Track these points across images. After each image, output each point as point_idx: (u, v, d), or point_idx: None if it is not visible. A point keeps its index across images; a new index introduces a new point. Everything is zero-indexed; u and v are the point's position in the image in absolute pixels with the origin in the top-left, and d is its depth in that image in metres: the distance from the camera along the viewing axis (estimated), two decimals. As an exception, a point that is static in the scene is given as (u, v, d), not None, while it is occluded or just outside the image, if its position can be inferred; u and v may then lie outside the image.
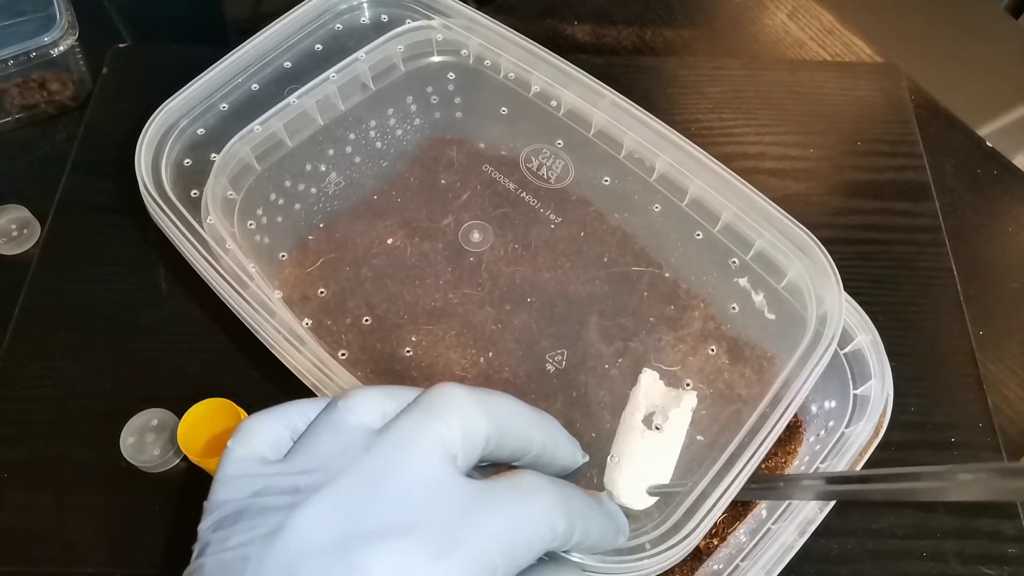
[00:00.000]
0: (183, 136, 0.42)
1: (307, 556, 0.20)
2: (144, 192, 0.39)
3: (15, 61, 0.49)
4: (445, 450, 0.22)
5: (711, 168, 0.40)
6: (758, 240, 0.39)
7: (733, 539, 0.37)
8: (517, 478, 0.23)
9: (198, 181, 0.40)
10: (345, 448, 0.22)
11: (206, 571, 0.21)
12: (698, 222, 0.40)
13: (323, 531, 0.20)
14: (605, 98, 0.42)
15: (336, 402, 0.24)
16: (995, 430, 0.43)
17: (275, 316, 0.35)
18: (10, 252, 0.48)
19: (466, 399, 0.23)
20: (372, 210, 0.42)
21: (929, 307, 0.47)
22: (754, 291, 0.41)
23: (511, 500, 0.22)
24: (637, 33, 0.60)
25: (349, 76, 0.44)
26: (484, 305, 0.39)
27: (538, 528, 0.22)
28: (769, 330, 0.41)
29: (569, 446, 0.27)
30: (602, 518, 0.25)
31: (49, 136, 0.53)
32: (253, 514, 0.21)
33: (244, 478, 0.22)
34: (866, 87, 0.56)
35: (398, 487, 0.21)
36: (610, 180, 0.42)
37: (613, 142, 0.42)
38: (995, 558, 0.39)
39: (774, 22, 0.62)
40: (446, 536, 0.20)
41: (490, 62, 0.45)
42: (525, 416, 0.25)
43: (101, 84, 0.54)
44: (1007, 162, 0.54)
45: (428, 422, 0.22)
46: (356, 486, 0.21)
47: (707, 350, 0.42)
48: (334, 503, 0.21)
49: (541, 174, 0.42)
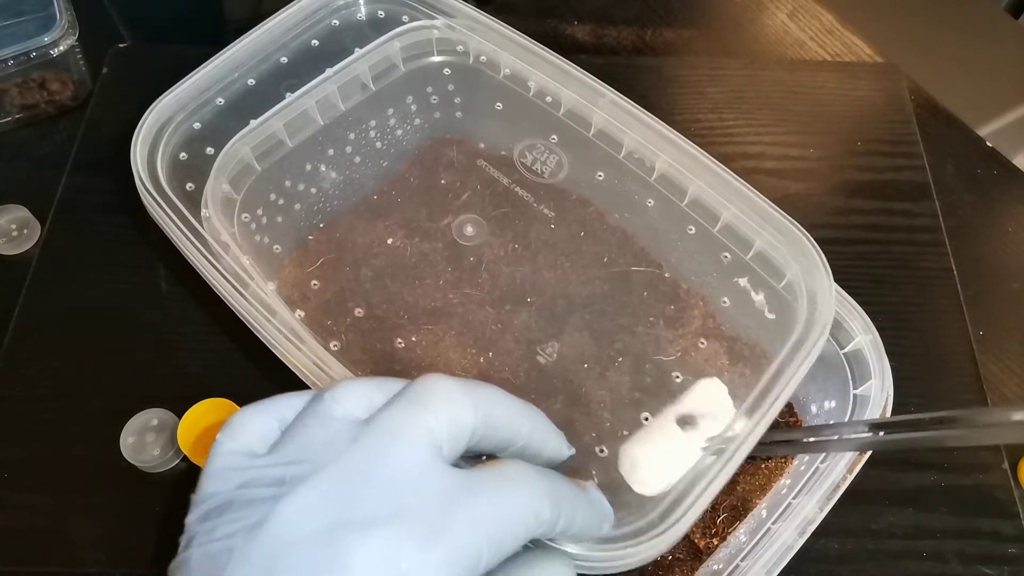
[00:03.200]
0: (179, 131, 0.42)
1: (292, 546, 0.20)
2: (140, 185, 0.39)
3: (15, 61, 0.49)
4: (431, 440, 0.22)
5: (711, 168, 0.40)
6: (757, 240, 0.39)
7: (733, 539, 0.37)
8: (502, 467, 0.23)
9: (193, 176, 0.40)
10: (332, 439, 0.22)
11: (192, 563, 0.21)
12: (698, 222, 0.40)
13: (308, 521, 0.20)
14: (605, 98, 0.42)
15: (323, 394, 0.24)
16: (995, 430, 0.43)
17: (275, 315, 0.35)
18: (10, 252, 0.48)
19: (453, 390, 0.23)
20: (372, 210, 0.42)
21: (929, 307, 0.47)
22: (754, 291, 0.41)
23: (496, 488, 0.22)
24: (637, 33, 0.60)
25: (349, 76, 0.44)
26: (484, 305, 0.39)
27: (523, 515, 0.22)
28: (769, 329, 0.41)
29: (555, 438, 0.27)
30: (587, 506, 0.25)
31: (49, 136, 0.53)
32: (239, 506, 0.21)
33: (231, 471, 0.22)
34: (866, 87, 0.56)
35: (384, 477, 0.21)
36: (610, 180, 0.42)
37: (613, 142, 0.42)
38: (995, 558, 0.39)
39: (774, 22, 0.62)
40: (432, 524, 0.20)
41: (490, 62, 0.45)
42: (512, 408, 0.25)
43: (101, 84, 0.54)
44: (1007, 162, 0.54)
45: (415, 413, 0.22)
46: (342, 476, 0.21)
47: (707, 349, 0.42)
48: (319, 493, 0.21)
49: (536, 169, 0.42)
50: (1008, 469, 0.42)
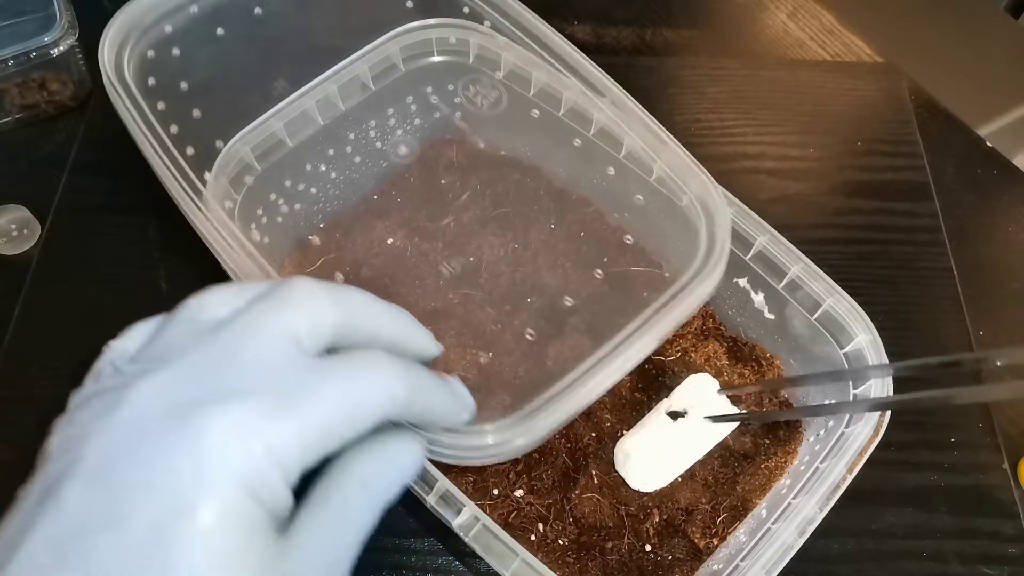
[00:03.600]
0: (150, 33, 0.40)
1: (145, 422, 0.20)
2: (107, 81, 0.38)
3: (15, 61, 0.49)
4: (290, 334, 0.23)
5: (710, 168, 0.39)
6: (759, 239, 0.39)
7: (733, 539, 0.37)
8: (359, 353, 0.24)
9: (159, 73, 0.39)
10: (194, 337, 0.23)
11: (48, 451, 0.22)
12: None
13: (161, 400, 0.21)
14: (606, 97, 0.42)
15: (189, 300, 0.25)
16: (995, 430, 0.43)
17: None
18: (10, 252, 0.48)
19: (315, 290, 0.24)
20: (372, 210, 0.42)
21: (929, 307, 0.47)
22: (754, 291, 0.41)
23: (351, 368, 0.23)
24: (637, 33, 0.60)
25: (349, 76, 0.44)
26: (484, 305, 0.39)
27: (376, 394, 0.23)
28: (769, 329, 0.41)
29: (422, 336, 0.28)
30: (446, 394, 0.26)
31: (49, 136, 0.53)
32: (98, 396, 0.22)
33: (105, 371, 0.23)
34: (866, 87, 0.56)
35: (240, 363, 0.22)
36: (610, 180, 0.42)
37: (613, 141, 0.42)
38: (995, 558, 0.39)
39: (774, 22, 0.62)
40: (286, 398, 0.21)
41: (490, 61, 0.45)
42: (375, 306, 0.26)
43: (101, 84, 0.53)
44: (1007, 162, 0.54)
45: (275, 309, 0.23)
46: (198, 362, 0.22)
47: (707, 349, 0.42)
48: (173, 376, 0.21)
49: (477, 102, 0.41)
50: (1008, 469, 0.42)
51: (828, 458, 0.34)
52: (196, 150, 0.38)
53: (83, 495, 0.19)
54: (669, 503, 0.38)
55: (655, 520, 0.37)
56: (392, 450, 0.24)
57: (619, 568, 0.36)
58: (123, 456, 0.20)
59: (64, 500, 0.19)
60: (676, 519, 0.37)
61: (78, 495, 0.19)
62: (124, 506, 0.19)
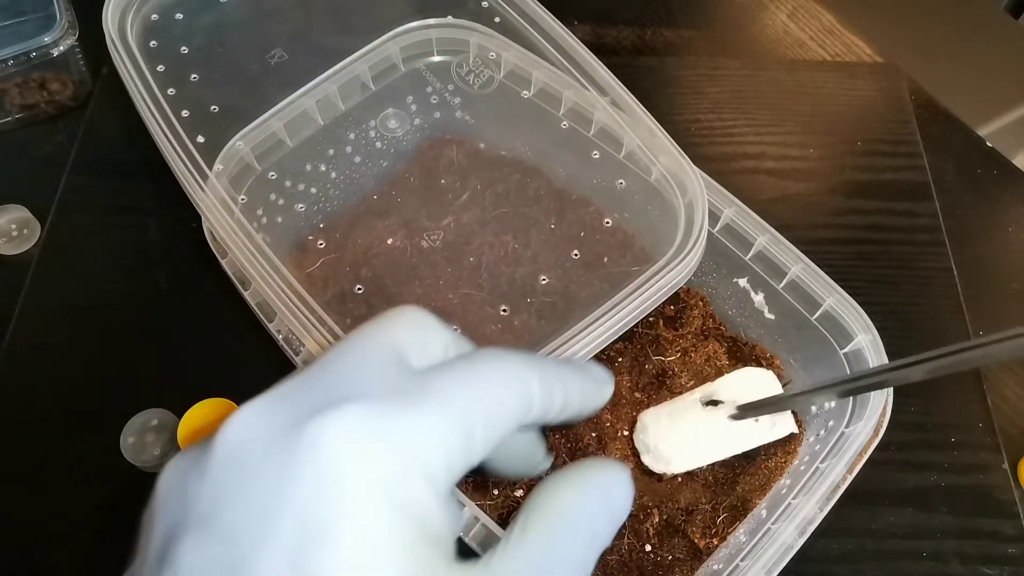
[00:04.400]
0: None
1: (249, 442, 0.18)
2: (109, 42, 0.38)
3: (15, 61, 0.49)
4: (397, 347, 0.20)
5: (710, 168, 0.40)
6: (759, 239, 0.39)
7: (733, 539, 0.37)
8: (476, 351, 0.21)
9: (161, 37, 0.40)
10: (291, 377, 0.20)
11: (151, 508, 0.19)
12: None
13: (262, 422, 0.18)
14: (607, 96, 0.42)
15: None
16: (995, 430, 0.43)
17: (275, 315, 0.35)
18: (10, 252, 0.48)
19: (424, 312, 0.22)
20: (372, 210, 0.42)
21: (929, 307, 0.47)
22: (754, 291, 0.41)
23: (475, 361, 0.20)
24: (637, 33, 0.60)
25: (349, 76, 0.44)
26: (484, 305, 0.39)
27: (510, 385, 0.20)
28: (769, 329, 0.41)
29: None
30: (578, 374, 0.23)
31: (49, 136, 0.53)
32: (195, 447, 0.20)
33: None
34: (866, 87, 0.56)
35: (347, 372, 0.19)
36: (610, 180, 0.42)
37: (614, 141, 0.42)
38: (995, 558, 0.39)
39: (774, 22, 0.62)
40: (409, 399, 0.18)
41: (491, 61, 0.45)
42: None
43: (101, 84, 0.54)
44: (1007, 162, 0.54)
45: (377, 326, 0.21)
46: (296, 384, 0.19)
47: (707, 349, 0.42)
48: (269, 399, 0.19)
49: (469, 80, 0.42)
50: (1008, 469, 0.42)
51: (828, 458, 0.34)
52: (191, 112, 0.40)
53: (196, 550, 0.17)
54: (669, 503, 0.38)
55: (655, 520, 0.37)
56: (596, 481, 0.21)
57: (619, 568, 0.36)
58: (229, 494, 0.17)
59: (179, 563, 0.16)
60: (676, 519, 0.37)
61: (191, 551, 0.17)
62: (244, 544, 0.16)
